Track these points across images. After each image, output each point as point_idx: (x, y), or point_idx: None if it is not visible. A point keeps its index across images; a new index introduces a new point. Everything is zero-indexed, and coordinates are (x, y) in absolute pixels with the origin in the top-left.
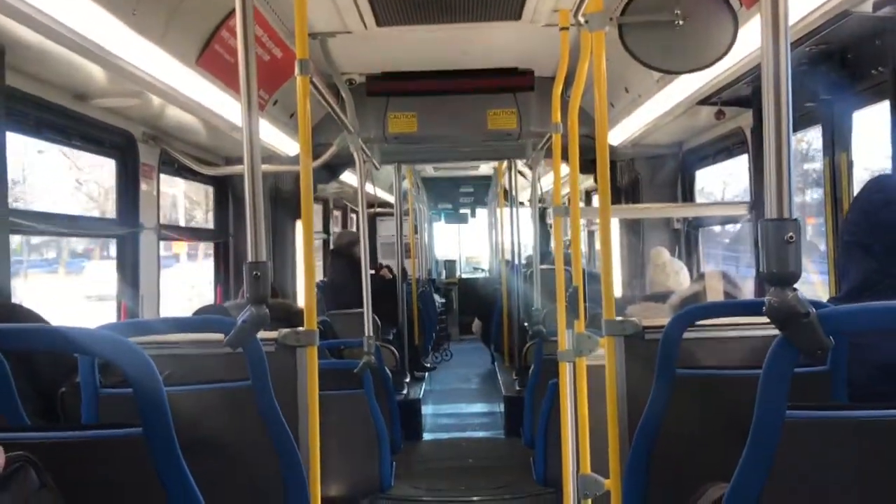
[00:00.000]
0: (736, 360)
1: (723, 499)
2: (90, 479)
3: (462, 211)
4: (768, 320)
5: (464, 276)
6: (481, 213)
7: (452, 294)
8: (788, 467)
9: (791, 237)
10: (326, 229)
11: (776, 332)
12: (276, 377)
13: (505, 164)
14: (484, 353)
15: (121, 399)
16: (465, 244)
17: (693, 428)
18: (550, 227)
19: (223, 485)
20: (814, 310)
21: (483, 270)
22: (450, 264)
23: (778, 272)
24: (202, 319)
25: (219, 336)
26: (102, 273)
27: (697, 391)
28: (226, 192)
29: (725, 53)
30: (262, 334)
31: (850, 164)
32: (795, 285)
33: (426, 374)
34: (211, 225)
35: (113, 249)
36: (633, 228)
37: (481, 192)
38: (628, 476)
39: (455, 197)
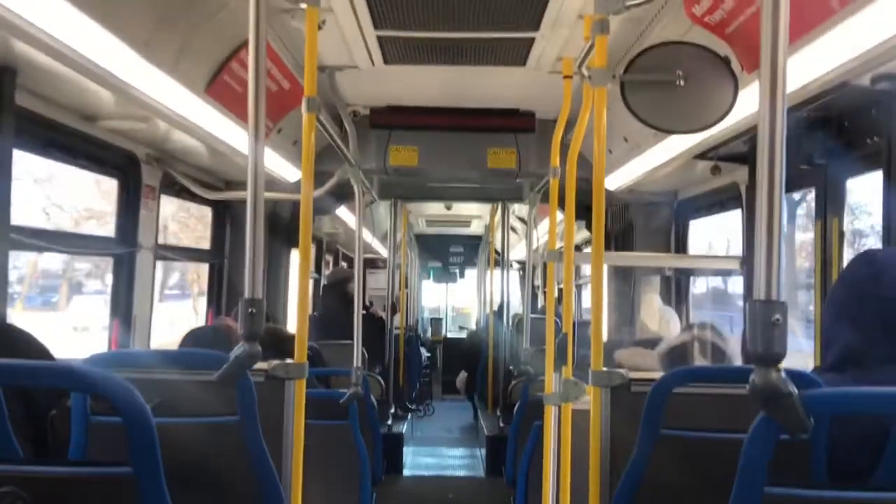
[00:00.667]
0: (723, 417)
1: None
2: None
3: (452, 270)
4: None
5: (449, 335)
6: (470, 273)
7: (437, 352)
8: None
9: (778, 319)
10: (318, 269)
11: None
12: (262, 406)
13: (497, 217)
14: (467, 411)
15: (111, 427)
16: (453, 297)
17: (676, 485)
18: (538, 288)
19: None
20: (796, 390)
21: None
22: (436, 322)
23: (763, 352)
24: (193, 353)
25: None
26: (79, 310)
27: (682, 450)
28: (224, 215)
29: (724, 116)
30: None
31: (841, 232)
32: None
33: (409, 415)
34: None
35: (88, 284)
36: (623, 275)
37: (471, 251)
38: None
39: (445, 256)
